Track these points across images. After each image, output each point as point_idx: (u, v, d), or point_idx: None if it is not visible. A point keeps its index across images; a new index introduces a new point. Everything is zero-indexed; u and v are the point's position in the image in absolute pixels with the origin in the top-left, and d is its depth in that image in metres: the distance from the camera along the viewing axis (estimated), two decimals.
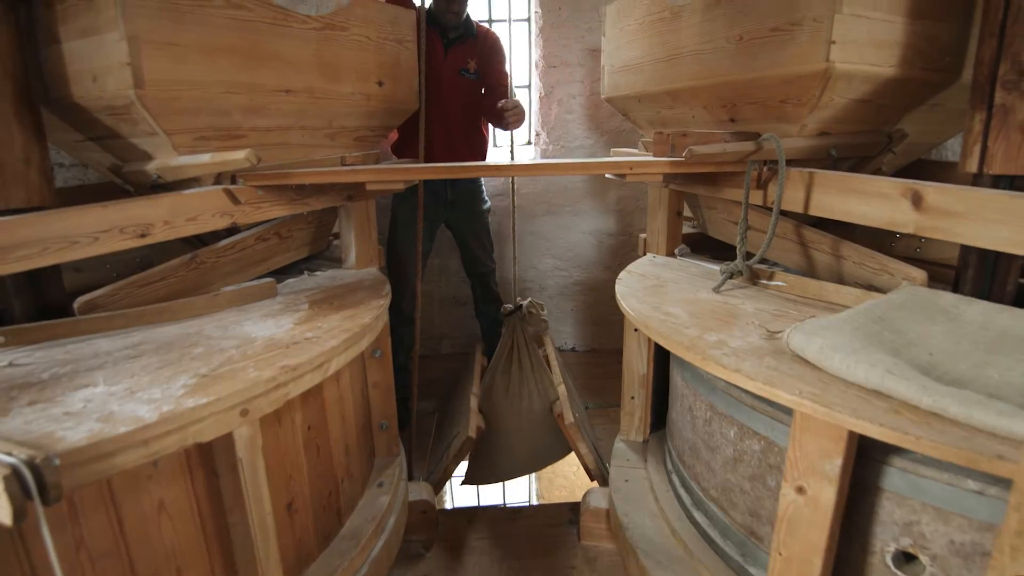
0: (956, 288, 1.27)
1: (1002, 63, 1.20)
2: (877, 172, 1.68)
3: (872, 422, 0.81)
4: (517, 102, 2.44)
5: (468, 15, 2.58)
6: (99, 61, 1.28)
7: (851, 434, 0.90)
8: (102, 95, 1.31)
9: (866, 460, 0.96)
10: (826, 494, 0.95)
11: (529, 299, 2.52)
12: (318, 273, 1.80)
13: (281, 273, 1.76)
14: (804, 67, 1.29)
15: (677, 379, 1.58)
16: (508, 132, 2.65)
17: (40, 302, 1.30)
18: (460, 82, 2.58)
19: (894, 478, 0.95)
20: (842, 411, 0.85)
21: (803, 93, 1.35)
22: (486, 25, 2.72)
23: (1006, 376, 0.88)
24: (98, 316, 1.26)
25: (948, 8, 1.37)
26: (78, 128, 1.53)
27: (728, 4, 1.46)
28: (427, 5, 2.37)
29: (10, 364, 1.07)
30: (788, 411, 1.01)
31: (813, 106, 1.36)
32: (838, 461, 0.92)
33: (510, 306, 2.51)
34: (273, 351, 1.12)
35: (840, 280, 1.41)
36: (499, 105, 2.44)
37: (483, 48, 2.59)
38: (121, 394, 0.93)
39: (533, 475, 2.85)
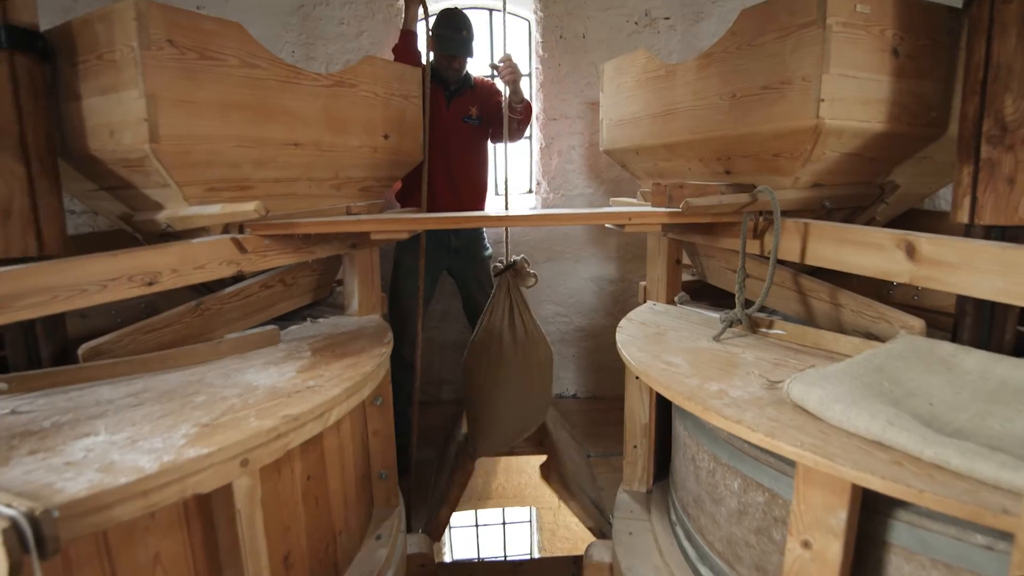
0: (955, 336, 1.28)
1: (985, 119, 1.25)
2: (871, 222, 1.71)
3: (874, 475, 0.81)
4: (508, 55, 2.38)
5: (468, 73, 2.71)
6: (117, 116, 1.34)
7: (855, 487, 0.89)
8: (118, 148, 1.36)
9: (872, 514, 0.95)
10: (832, 549, 0.93)
11: (521, 255, 2.45)
12: (321, 320, 1.82)
13: (284, 319, 1.78)
14: (795, 123, 1.34)
15: (679, 429, 1.57)
16: (515, 138, 2.63)
17: (44, 348, 1.32)
18: (464, 129, 2.68)
19: (901, 533, 0.93)
20: (844, 463, 0.84)
21: (795, 147, 1.39)
22: (482, 77, 2.85)
23: (1007, 427, 0.88)
24: (102, 363, 1.27)
25: (931, 67, 1.44)
26: (92, 178, 1.57)
27: (721, 64, 1.53)
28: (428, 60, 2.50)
29: (12, 412, 1.07)
30: (791, 463, 1.00)
31: (805, 159, 1.40)
32: (843, 515, 0.90)
33: (500, 264, 2.38)
34: (275, 400, 1.13)
35: (839, 328, 1.42)
36: (491, 63, 2.47)
37: (483, 94, 2.71)
38: (122, 443, 0.93)
39: (535, 526, 2.79)
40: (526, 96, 2.55)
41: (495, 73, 2.43)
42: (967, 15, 1.28)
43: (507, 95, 2.39)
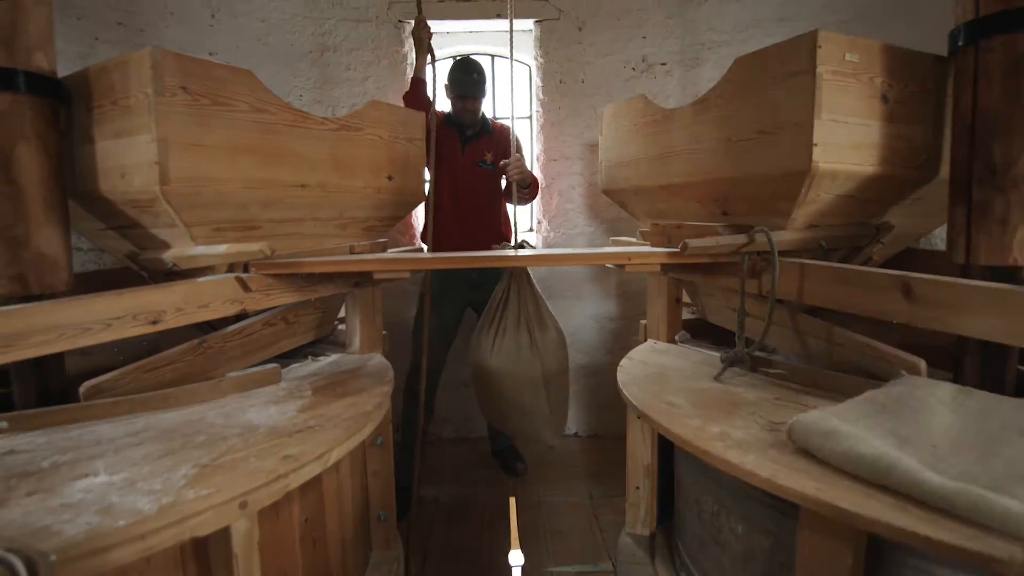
0: (956, 376, 1.28)
1: (975, 163, 1.28)
2: (868, 262, 1.73)
3: (880, 519, 0.80)
4: (518, 156, 2.45)
5: (484, 114, 2.79)
6: (129, 159, 1.37)
7: (860, 531, 0.88)
8: (128, 190, 1.39)
9: (879, 559, 0.94)
10: None
11: (523, 239, 2.34)
12: (322, 358, 1.82)
13: (286, 357, 1.78)
14: (789, 166, 1.37)
15: (682, 470, 1.55)
16: (522, 204, 2.71)
17: (44, 386, 1.32)
18: (477, 173, 2.73)
19: None
20: (849, 507, 0.84)
21: (790, 190, 1.42)
22: (502, 122, 2.91)
23: (1012, 470, 0.88)
24: (102, 402, 1.27)
25: (920, 113, 1.48)
26: (101, 218, 1.60)
27: (716, 109, 1.58)
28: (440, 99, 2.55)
29: (11, 451, 1.07)
30: (796, 506, 0.99)
31: (800, 201, 1.43)
32: (849, 560, 0.89)
33: (510, 245, 2.29)
34: (275, 440, 1.12)
35: (840, 367, 1.42)
36: (500, 163, 2.55)
37: (499, 140, 2.76)
38: (121, 484, 0.92)
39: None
40: (530, 167, 2.64)
41: (503, 164, 2.50)
42: (953, 63, 1.33)
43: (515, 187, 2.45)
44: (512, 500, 1.38)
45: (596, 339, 3.39)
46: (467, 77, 2.62)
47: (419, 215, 3.31)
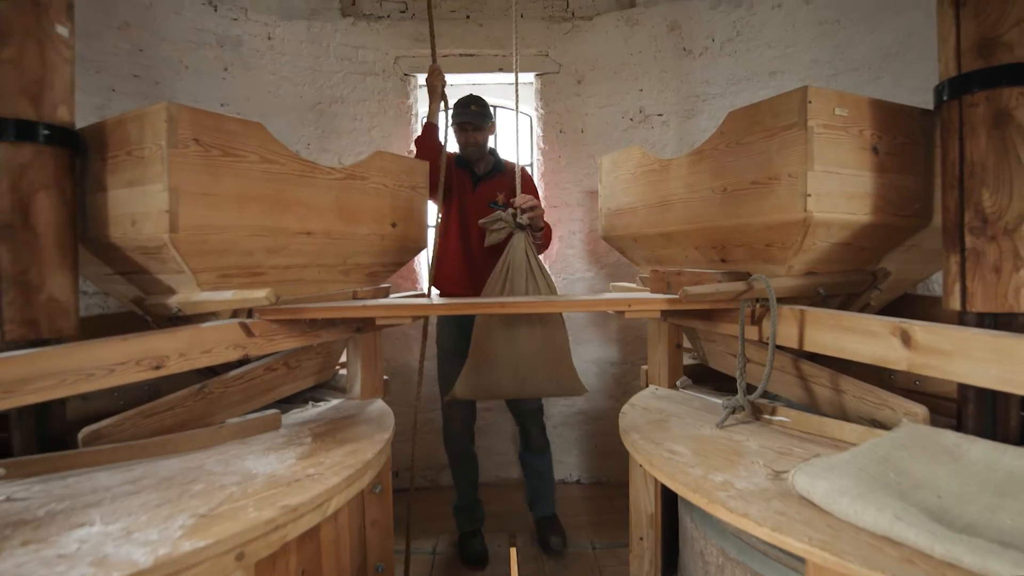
0: (959, 424, 1.28)
1: (966, 211, 1.30)
2: (866, 308, 1.75)
3: (885, 573, 0.79)
4: (530, 196, 2.33)
5: (495, 152, 2.76)
6: (140, 207, 1.41)
7: None
8: (138, 237, 1.42)
9: None
10: None
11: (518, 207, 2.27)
12: (322, 403, 1.81)
13: (286, 402, 1.78)
14: (785, 216, 1.41)
15: (686, 520, 1.52)
16: (540, 251, 2.55)
17: (44, 431, 1.31)
18: (488, 214, 2.56)
19: None
20: (854, 561, 0.82)
21: (786, 238, 1.45)
22: (514, 161, 2.83)
23: (1018, 521, 0.87)
24: (101, 448, 1.26)
25: (910, 163, 1.52)
26: (109, 263, 1.63)
27: (711, 160, 1.62)
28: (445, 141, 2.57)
29: (7, 499, 1.06)
30: (801, 559, 0.97)
31: (797, 249, 1.45)
32: None
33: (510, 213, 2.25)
34: (274, 489, 1.11)
35: (842, 414, 1.41)
36: (511, 201, 2.41)
37: (512, 180, 2.57)
38: (117, 534, 0.91)
39: None
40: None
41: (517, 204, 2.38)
42: (939, 116, 1.38)
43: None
44: (513, 551, 1.35)
45: (598, 384, 3.37)
46: (465, 108, 2.61)
47: (421, 261, 3.36)
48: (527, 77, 3.30)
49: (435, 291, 2.70)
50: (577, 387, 2.28)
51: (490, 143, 2.77)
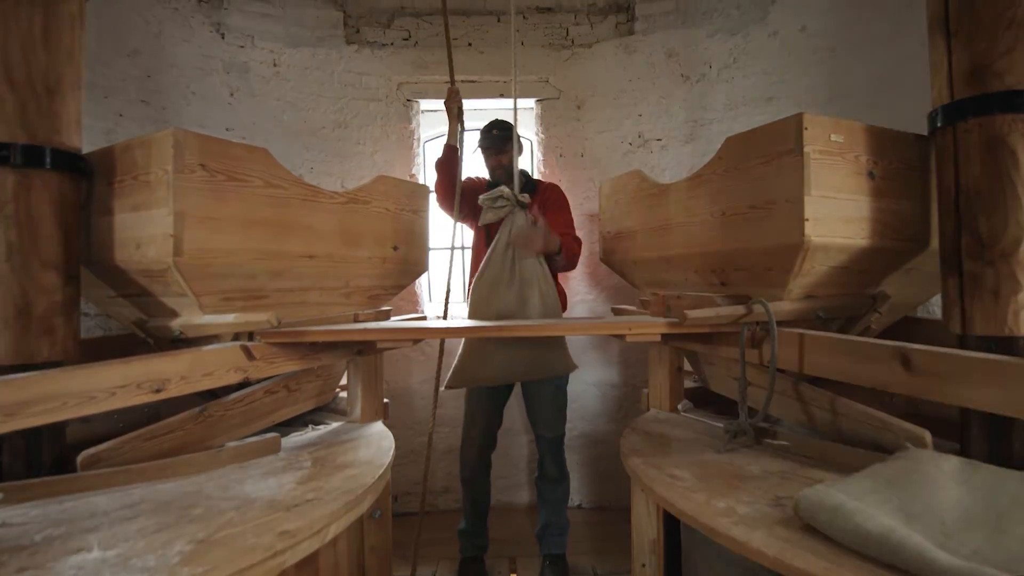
0: (962, 448, 1.27)
1: (963, 236, 1.32)
2: (866, 331, 1.75)
3: None
4: (536, 217, 2.26)
5: (526, 174, 2.65)
6: (145, 231, 1.43)
7: None
8: (142, 260, 1.44)
9: None
10: None
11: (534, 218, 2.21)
12: (322, 426, 1.80)
13: (286, 425, 1.77)
14: (783, 240, 1.42)
15: (690, 546, 1.51)
16: (562, 271, 2.50)
17: (43, 454, 1.31)
18: None
19: None
20: None
21: (785, 262, 1.46)
22: (548, 181, 2.80)
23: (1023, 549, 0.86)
24: (99, 472, 1.26)
25: (906, 188, 1.54)
26: (112, 286, 1.64)
27: (709, 184, 1.64)
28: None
29: (4, 524, 1.05)
30: None
31: (796, 273, 1.46)
32: None
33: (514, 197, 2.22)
34: (272, 514, 1.10)
35: (844, 437, 1.40)
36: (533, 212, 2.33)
37: (543, 200, 2.56)
38: (114, 561, 0.90)
39: None
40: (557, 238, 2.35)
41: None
42: (933, 142, 1.40)
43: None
44: None
45: (599, 407, 3.35)
46: (487, 133, 2.59)
47: (422, 284, 3.37)
48: (528, 103, 3.35)
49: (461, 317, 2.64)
50: (568, 364, 2.29)
51: (521, 164, 2.56)
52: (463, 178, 2.53)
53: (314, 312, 1.76)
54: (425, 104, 3.34)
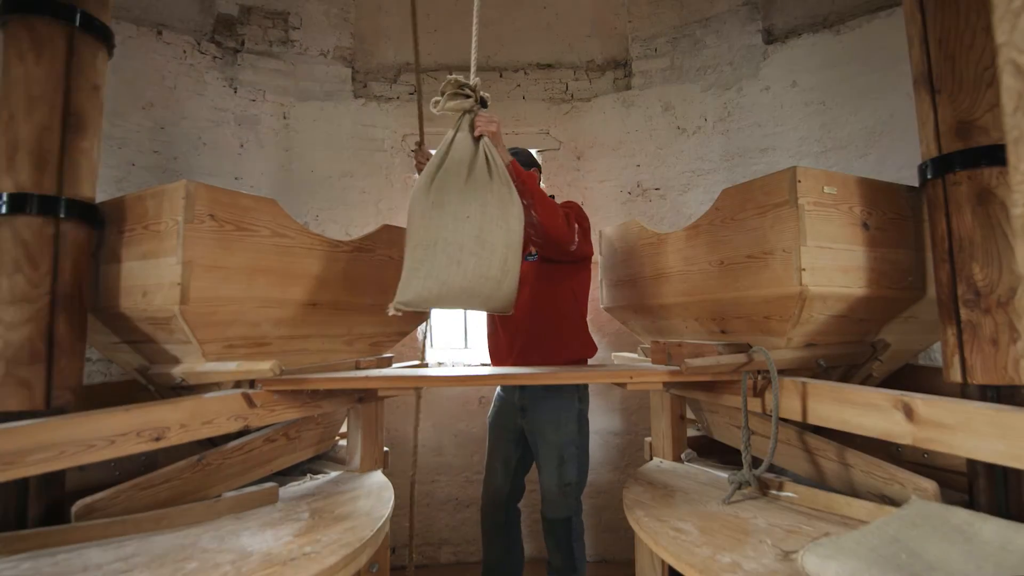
0: (971, 499, 1.25)
1: (959, 285, 1.33)
2: (868, 379, 1.74)
3: None
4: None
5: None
6: (152, 279, 1.45)
7: None
8: (148, 307, 1.45)
9: None
10: None
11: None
12: (320, 476, 1.78)
13: (284, 474, 1.75)
14: (781, 290, 1.44)
15: None
16: (547, 252, 2.07)
17: (38, 505, 1.29)
18: (524, 268, 1.84)
19: None
20: None
21: (783, 311, 1.47)
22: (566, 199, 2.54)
23: None
24: (94, 523, 1.24)
25: (901, 237, 1.57)
26: (116, 332, 1.65)
27: (707, 234, 1.68)
28: None
29: None
30: None
31: (795, 322, 1.47)
32: None
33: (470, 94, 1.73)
34: (269, 568, 1.08)
35: (850, 489, 1.38)
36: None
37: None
38: None
39: None
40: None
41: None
42: (924, 193, 1.43)
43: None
44: None
45: (601, 455, 3.30)
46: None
47: (422, 330, 3.37)
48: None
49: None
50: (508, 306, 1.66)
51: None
52: None
53: (316, 359, 1.77)
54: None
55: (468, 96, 1.73)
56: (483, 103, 1.77)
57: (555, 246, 1.98)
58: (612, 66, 3.48)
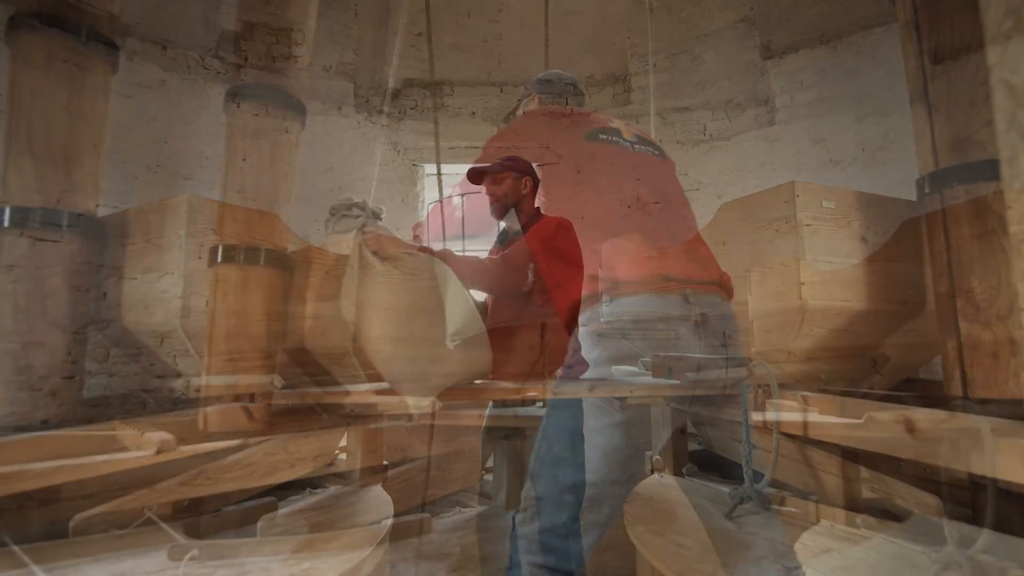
0: (973, 515, 1.24)
1: (958, 298, 1.34)
2: (869, 393, 1.74)
3: None
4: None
5: (539, 211, 2.33)
6: (154, 293, 1.45)
7: None
8: (149, 321, 1.46)
9: None
10: None
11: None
12: (320, 490, 1.77)
13: (283, 489, 1.73)
14: (781, 304, 1.44)
15: None
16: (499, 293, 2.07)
17: (37, 520, 1.28)
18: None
19: None
20: None
21: (784, 325, 1.48)
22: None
23: None
24: (89, 539, 1.23)
25: (900, 251, 1.57)
26: (117, 346, 1.65)
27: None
28: None
29: None
30: None
31: (796, 336, 1.48)
32: None
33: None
34: None
35: (853, 503, 1.37)
36: None
37: (534, 235, 2.18)
38: None
39: None
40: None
41: None
42: (922, 207, 1.44)
43: None
44: None
45: (602, 470, 3.28)
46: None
47: None
48: None
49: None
50: None
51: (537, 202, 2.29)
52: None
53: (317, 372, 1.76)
54: (430, 168, 3.46)
55: (357, 216, 1.79)
56: (376, 218, 1.80)
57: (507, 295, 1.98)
58: (611, 81, 3.51)
